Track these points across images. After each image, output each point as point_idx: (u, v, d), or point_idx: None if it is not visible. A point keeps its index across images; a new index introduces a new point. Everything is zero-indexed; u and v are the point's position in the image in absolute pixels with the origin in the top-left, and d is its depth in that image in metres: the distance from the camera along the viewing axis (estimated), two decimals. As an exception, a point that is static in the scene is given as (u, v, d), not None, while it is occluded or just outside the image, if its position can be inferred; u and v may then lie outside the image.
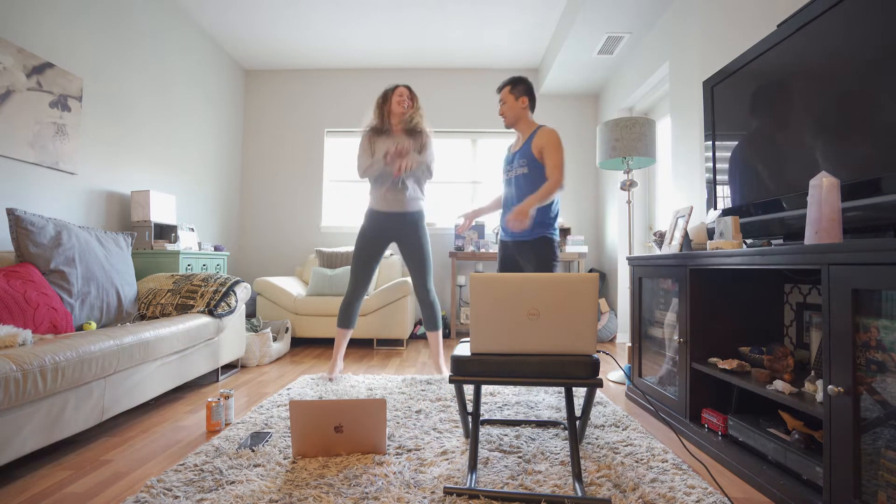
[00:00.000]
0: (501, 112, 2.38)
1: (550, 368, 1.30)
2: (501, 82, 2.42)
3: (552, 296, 1.27)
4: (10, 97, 2.17)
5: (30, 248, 1.86)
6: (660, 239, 2.21)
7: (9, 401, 1.25)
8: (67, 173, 2.51)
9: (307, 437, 1.47)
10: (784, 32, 1.56)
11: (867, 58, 1.24)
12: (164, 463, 1.47)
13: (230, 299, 2.50)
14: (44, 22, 2.35)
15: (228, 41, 4.04)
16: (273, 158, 4.57)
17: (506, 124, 2.40)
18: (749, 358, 1.58)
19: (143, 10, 3.08)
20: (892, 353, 0.96)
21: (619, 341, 3.86)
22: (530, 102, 2.34)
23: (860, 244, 1.00)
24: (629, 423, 1.81)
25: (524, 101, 2.33)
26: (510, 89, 2.34)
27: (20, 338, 1.45)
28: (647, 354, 2.15)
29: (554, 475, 1.36)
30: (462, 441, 1.63)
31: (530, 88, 2.35)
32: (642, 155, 2.52)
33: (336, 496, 1.23)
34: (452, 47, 4.13)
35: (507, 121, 2.38)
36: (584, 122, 4.55)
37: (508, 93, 2.34)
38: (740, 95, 1.79)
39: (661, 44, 3.10)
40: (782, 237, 1.59)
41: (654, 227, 3.65)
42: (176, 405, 2.08)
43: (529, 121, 2.36)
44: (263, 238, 4.54)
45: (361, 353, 3.34)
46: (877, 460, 0.98)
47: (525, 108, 2.34)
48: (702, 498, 1.23)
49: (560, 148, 2.21)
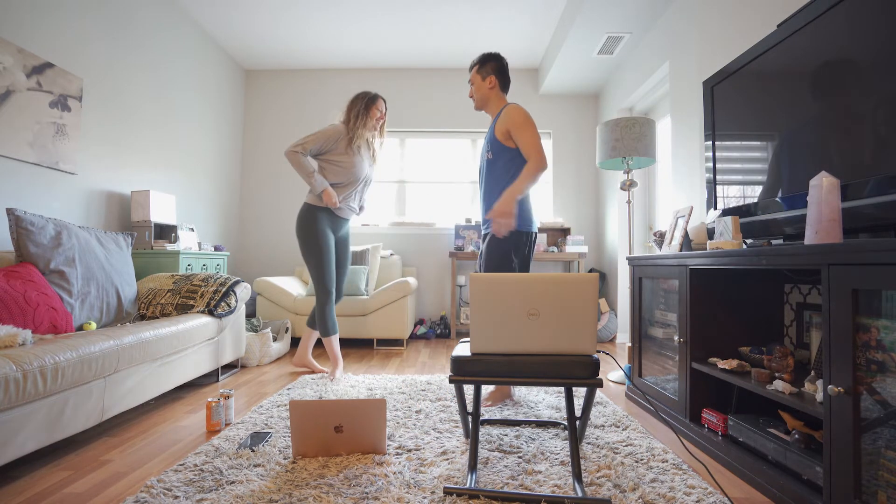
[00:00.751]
0: (470, 94, 2.21)
1: (550, 368, 1.30)
2: (471, 62, 2.19)
3: (552, 296, 1.27)
4: (10, 97, 2.17)
5: (30, 248, 1.86)
6: (660, 239, 2.21)
7: (9, 401, 1.25)
8: (67, 173, 2.51)
9: (307, 437, 1.47)
10: (784, 32, 1.56)
11: (867, 57, 1.24)
12: (164, 463, 1.47)
13: (230, 299, 2.50)
14: (44, 22, 2.35)
15: (228, 41, 4.04)
16: (273, 158, 4.57)
17: (475, 107, 2.22)
18: (749, 358, 1.58)
19: (143, 11, 3.08)
20: (892, 353, 0.96)
21: (619, 341, 3.86)
22: (500, 82, 2.14)
23: (860, 244, 1.00)
24: (629, 423, 1.81)
25: (492, 81, 2.13)
26: (477, 69, 2.16)
27: (20, 338, 1.45)
28: (647, 354, 2.15)
29: (554, 475, 1.36)
30: (462, 441, 1.63)
31: (501, 67, 2.15)
32: (642, 155, 2.52)
33: (336, 496, 1.23)
34: (452, 47, 4.12)
35: (475, 104, 2.21)
36: (584, 122, 4.55)
37: (476, 73, 2.16)
38: (740, 95, 1.79)
39: (661, 44, 3.10)
40: (782, 237, 1.59)
41: (654, 227, 3.65)
42: (176, 405, 2.08)
43: (498, 102, 2.16)
44: (263, 238, 4.54)
45: (361, 353, 3.33)
46: (877, 460, 0.98)
47: (493, 89, 2.14)
48: (702, 498, 1.23)
49: (528, 124, 1.98)
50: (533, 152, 1.96)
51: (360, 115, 2.51)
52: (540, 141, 1.98)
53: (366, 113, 2.52)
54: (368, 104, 2.53)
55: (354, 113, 2.52)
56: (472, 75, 2.18)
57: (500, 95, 2.16)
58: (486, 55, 2.16)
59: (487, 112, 2.21)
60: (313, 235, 2.49)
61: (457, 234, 4.18)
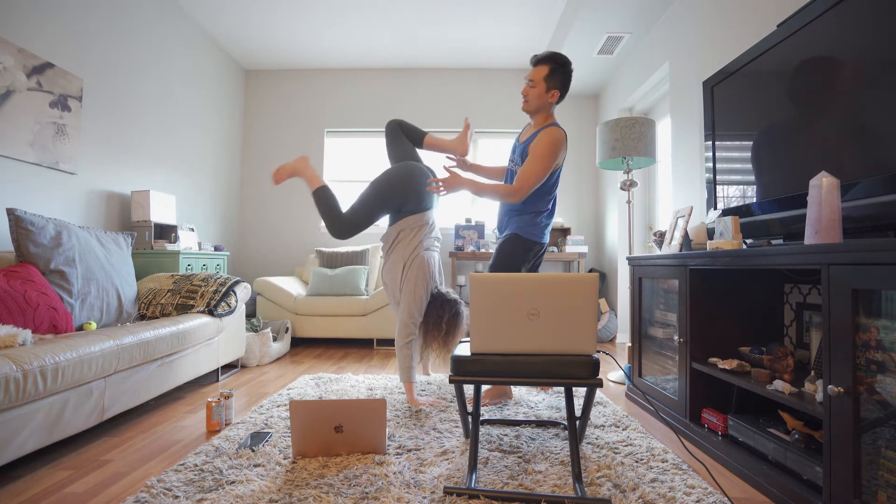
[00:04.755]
0: (525, 92, 2.00)
1: (550, 368, 1.30)
2: (539, 55, 1.97)
3: (552, 296, 1.27)
4: (11, 97, 2.17)
5: (30, 248, 1.86)
6: (660, 239, 2.21)
7: (9, 401, 1.25)
8: (67, 173, 2.51)
9: (307, 437, 1.47)
10: (784, 32, 1.56)
11: (867, 58, 1.24)
12: (164, 463, 1.47)
13: (230, 299, 2.50)
14: (44, 22, 2.35)
15: (229, 41, 4.04)
16: (273, 158, 4.57)
17: (524, 108, 2.04)
18: (749, 358, 1.58)
19: (143, 11, 3.08)
20: (892, 353, 0.96)
21: (619, 341, 3.86)
22: (561, 97, 2.00)
23: (860, 244, 1.00)
24: (629, 423, 1.81)
25: (555, 95, 1.98)
26: (548, 73, 1.95)
27: (20, 338, 1.45)
28: (647, 354, 2.15)
29: (554, 475, 1.36)
30: (462, 441, 1.63)
31: (567, 80, 1.98)
32: (642, 155, 2.52)
33: (336, 496, 1.23)
34: (452, 47, 4.12)
35: (527, 105, 2.02)
36: (584, 122, 4.55)
37: (543, 80, 1.96)
38: (740, 95, 1.79)
39: (661, 44, 3.10)
40: (782, 237, 1.59)
41: (654, 227, 3.65)
42: (176, 405, 2.08)
43: (548, 116, 2.04)
44: (263, 238, 4.54)
45: (361, 353, 3.33)
46: (877, 460, 0.98)
47: (553, 102, 2.00)
48: (702, 498, 1.23)
49: (548, 156, 1.89)
50: (523, 181, 1.89)
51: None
52: (540, 177, 1.90)
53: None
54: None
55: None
56: (537, 75, 1.97)
57: (552, 112, 2.05)
58: (560, 59, 1.96)
59: (533, 119, 2.08)
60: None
61: (457, 234, 4.18)
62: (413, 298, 2.06)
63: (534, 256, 2.10)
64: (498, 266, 2.06)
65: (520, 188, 1.90)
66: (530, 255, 2.07)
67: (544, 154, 1.90)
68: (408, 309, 2.06)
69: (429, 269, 2.11)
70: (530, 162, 1.91)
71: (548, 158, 1.90)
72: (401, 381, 2.19)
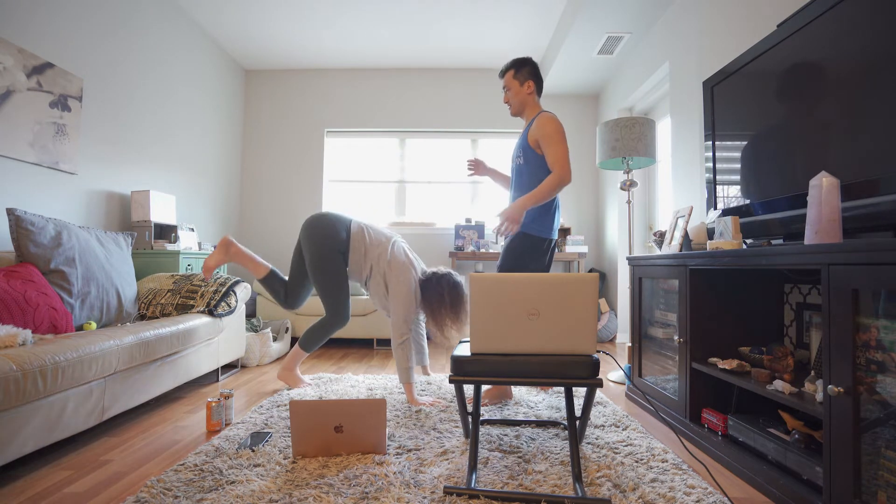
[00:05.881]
0: (506, 100, 2.17)
1: (550, 368, 1.30)
2: (504, 66, 2.15)
3: (552, 296, 1.27)
4: (11, 97, 2.17)
5: (30, 248, 1.86)
6: (660, 239, 2.21)
7: (9, 401, 1.25)
8: (67, 173, 2.51)
9: (307, 437, 1.47)
10: (784, 32, 1.56)
11: (867, 58, 1.24)
12: (164, 463, 1.47)
13: (230, 299, 2.50)
14: (44, 22, 2.35)
15: (228, 41, 4.03)
16: (273, 158, 4.57)
17: (511, 112, 2.19)
18: (749, 358, 1.58)
19: (143, 11, 3.08)
20: (892, 353, 0.96)
21: (619, 341, 3.86)
22: (536, 86, 2.12)
23: (860, 244, 1.00)
24: (629, 423, 1.81)
25: (530, 86, 2.10)
26: (514, 73, 2.11)
27: (20, 338, 1.45)
28: (647, 354, 2.15)
29: (554, 475, 1.36)
30: (462, 441, 1.63)
31: (536, 70, 2.13)
32: (642, 155, 2.52)
33: (336, 496, 1.23)
34: (452, 47, 4.12)
35: (512, 109, 2.17)
36: (584, 122, 4.55)
37: (512, 78, 2.12)
38: (740, 95, 1.79)
39: (661, 44, 3.10)
40: (782, 237, 1.59)
41: (654, 227, 3.65)
42: (176, 405, 2.08)
43: (534, 107, 2.14)
44: (263, 238, 4.54)
45: (361, 353, 3.33)
46: (877, 460, 0.98)
47: (531, 94, 2.12)
48: (702, 498, 1.23)
49: (558, 137, 1.97)
50: (558, 165, 1.95)
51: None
52: (567, 154, 1.97)
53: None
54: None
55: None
56: (508, 80, 2.13)
57: (536, 101, 2.15)
58: (521, 60, 2.13)
59: (523, 117, 2.19)
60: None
61: (457, 234, 4.18)
62: (401, 300, 2.12)
63: (545, 253, 2.09)
64: (505, 266, 2.07)
65: (560, 170, 1.95)
66: (539, 252, 2.06)
67: (552, 134, 1.98)
68: (400, 308, 2.10)
69: (407, 261, 2.18)
70: (548, 147, 1.98)
71: (557, 135, 1.98)
72: (400, 383, 2.20)
